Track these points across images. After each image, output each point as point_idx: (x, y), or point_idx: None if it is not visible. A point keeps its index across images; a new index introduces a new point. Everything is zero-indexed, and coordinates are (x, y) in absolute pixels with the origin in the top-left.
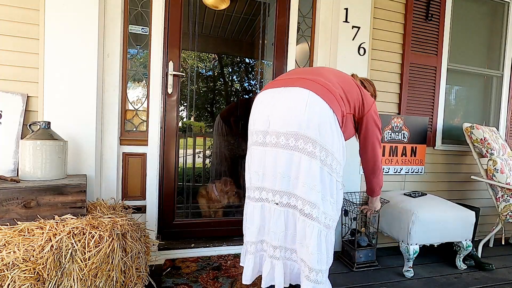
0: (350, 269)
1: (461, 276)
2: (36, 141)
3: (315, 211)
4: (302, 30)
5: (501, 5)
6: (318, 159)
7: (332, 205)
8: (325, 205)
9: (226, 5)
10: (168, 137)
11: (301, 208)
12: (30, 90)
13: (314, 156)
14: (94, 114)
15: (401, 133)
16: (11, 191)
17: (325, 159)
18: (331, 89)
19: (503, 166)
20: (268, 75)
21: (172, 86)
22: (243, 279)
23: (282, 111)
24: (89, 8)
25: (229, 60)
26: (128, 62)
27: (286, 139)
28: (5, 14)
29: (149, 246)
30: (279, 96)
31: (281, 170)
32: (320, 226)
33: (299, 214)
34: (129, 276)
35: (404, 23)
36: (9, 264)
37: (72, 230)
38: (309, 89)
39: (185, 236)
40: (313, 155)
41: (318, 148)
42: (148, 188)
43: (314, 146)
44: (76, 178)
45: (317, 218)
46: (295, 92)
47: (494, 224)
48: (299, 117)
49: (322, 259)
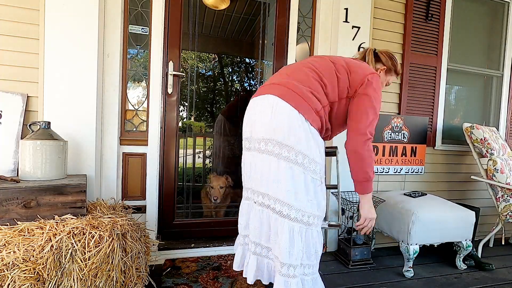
0: (345, 267)
1: (461, 276)
2: (36, 141)
3: (285, 208)
4: (302, 30)
5: (501, 5)
6: (286, 159)
7: (309, 202)
8: (299, 203)
9: (226, 5)
10: (168, 137)
11: (273, 207)
12: (30, 90)
13: (281, 157)
14: (94, 114)
15: (401, 133)
16: (11, 191)
17: (295, 159)
18: (299, 91)
19: (503, 166)
20: (268, 75)
21: (172, 86)
22: (234, 266)
23: (259, 118)
24: (89, 8)
25: (229, 60)
26: (128, 62)
27: (263, 144)
28: (5, 14)
29: (149, 246)
30: (258, 104)
31: (259, 172)
32: (291, 222)
33: (272, 213)
34: (129, 276)
35: (404, 23)
36: (9, 264)
37: (72, 230)
38: (277, 95)
39: (185, 236)
40: (280, 156)
41: (286, 149)
42: (148, 188)
43: (281, 148)
44: (76, 178)
45: (288, 215)
46: (267, 99)
47: (494, 224)
48: (268, 123)
49: (293, 253)
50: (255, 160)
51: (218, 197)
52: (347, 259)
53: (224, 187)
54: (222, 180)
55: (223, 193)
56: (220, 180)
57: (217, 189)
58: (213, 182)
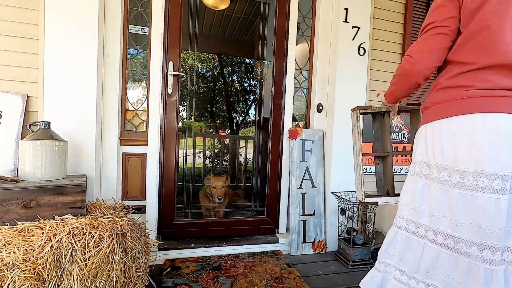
0: (345, 267)
1: None
2: (36, 141)
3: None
4: (302, 30)
5: None
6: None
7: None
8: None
9: (226, 5)
10: (168, 137)
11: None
12: (30, 90)
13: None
14: (94, 114)
15: (401, 133)
16: (11, 191)
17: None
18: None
19: None
20: (268, 75)
21: (172, 86)
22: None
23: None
24: (89, 8)
25: (229, 60)
26: (128, 62)
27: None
28: (5, 14)
29: (149, 246)
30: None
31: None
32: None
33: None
34: (129, 276)
35: (404, 23)
36: (9, 264)
37: (72, 230)
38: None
39: (185, 236)
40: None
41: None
42: (148, 188)
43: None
44: (76, 178)
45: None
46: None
47: None
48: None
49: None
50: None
51: (221, 196)
52: (347, 259)
53: (225, 187)
54: (223, 179)
55: (224, 193)
56: (221, 180)
57: (219, 189)
58: (215, 182)
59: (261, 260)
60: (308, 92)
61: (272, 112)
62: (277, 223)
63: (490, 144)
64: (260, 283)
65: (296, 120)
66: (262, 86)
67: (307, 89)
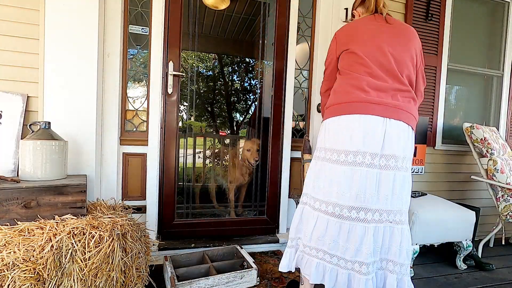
0: None
1: (461, 276)
2: (36, 141)
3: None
4: (302, 30)
5: (501, 5)
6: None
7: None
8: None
9: (226, 5)
10: (168, 137)
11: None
12: (30, 90)
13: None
14: (94, 114)
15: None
16: (11, 191)
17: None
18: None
19: (503, 166)
20: (268, 75)
21: (172, 86)
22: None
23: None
24: (89, 9)
25: (229, 60)
26: (128, 62)
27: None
28: (5, 14)
29: (149, 246)
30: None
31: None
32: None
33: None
34: (129, 276)
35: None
36: (9, 264)
37: (72, 230)
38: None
39: (185, 236)
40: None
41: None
42: (148, 188)
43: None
44: (76, 178)
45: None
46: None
47: (494, 224)
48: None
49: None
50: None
51: (257, 158)
52: None
53: (259, 149)
54: (256, 142)
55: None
56: (255, 143)
57: (254, 151)
58: (249, 145)
59: (261, 260)
60: (308, 92)
61: (272, 112)
62: (277, 223)
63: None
64: (260, 283)
65: (297, 120)
66: (262, 86)
67: (307, 89)
